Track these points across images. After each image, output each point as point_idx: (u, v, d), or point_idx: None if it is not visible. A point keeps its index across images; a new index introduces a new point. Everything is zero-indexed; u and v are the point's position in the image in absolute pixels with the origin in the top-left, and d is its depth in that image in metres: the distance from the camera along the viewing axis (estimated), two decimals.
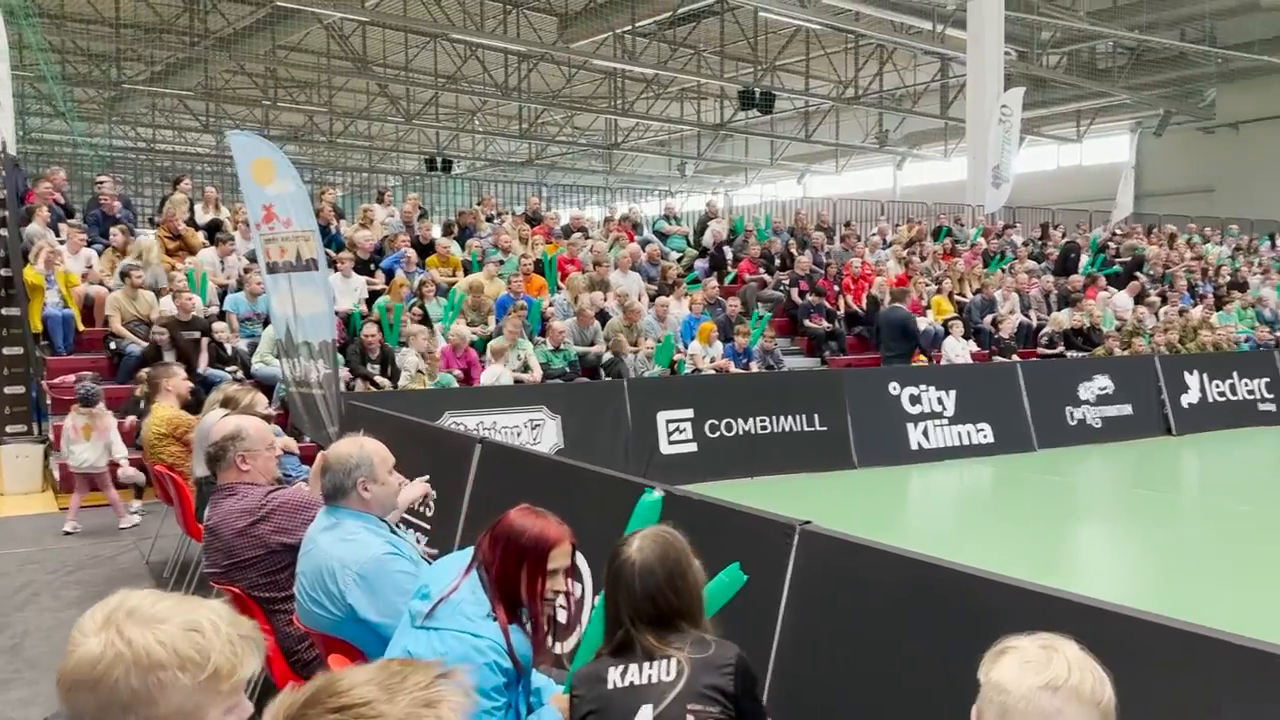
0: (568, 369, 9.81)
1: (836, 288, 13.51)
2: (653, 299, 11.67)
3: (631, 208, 15.63)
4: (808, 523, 3.07)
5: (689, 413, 9.22)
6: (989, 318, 13.25)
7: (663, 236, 14.28)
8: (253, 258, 9.18)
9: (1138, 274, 15.84)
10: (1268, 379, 13.24)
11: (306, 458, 6.04)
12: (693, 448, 9.16)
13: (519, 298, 10.35)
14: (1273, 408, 13.09)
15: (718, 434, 9.30)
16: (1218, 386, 12.66)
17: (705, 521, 3.47)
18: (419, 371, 9.22)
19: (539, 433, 8.44)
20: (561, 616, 2.38)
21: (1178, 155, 34.91)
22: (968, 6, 18.92)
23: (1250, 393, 13.01)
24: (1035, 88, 28.71)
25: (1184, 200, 31.28)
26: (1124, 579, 6.33)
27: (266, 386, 8.37)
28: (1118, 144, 36.47)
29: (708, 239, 14.40)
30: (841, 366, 11.87)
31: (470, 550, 2.48)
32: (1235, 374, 12.97)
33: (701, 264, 13.83)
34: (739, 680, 2.09)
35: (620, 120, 36.32)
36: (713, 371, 10.53)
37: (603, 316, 10.89)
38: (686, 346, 10.87)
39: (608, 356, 10.34)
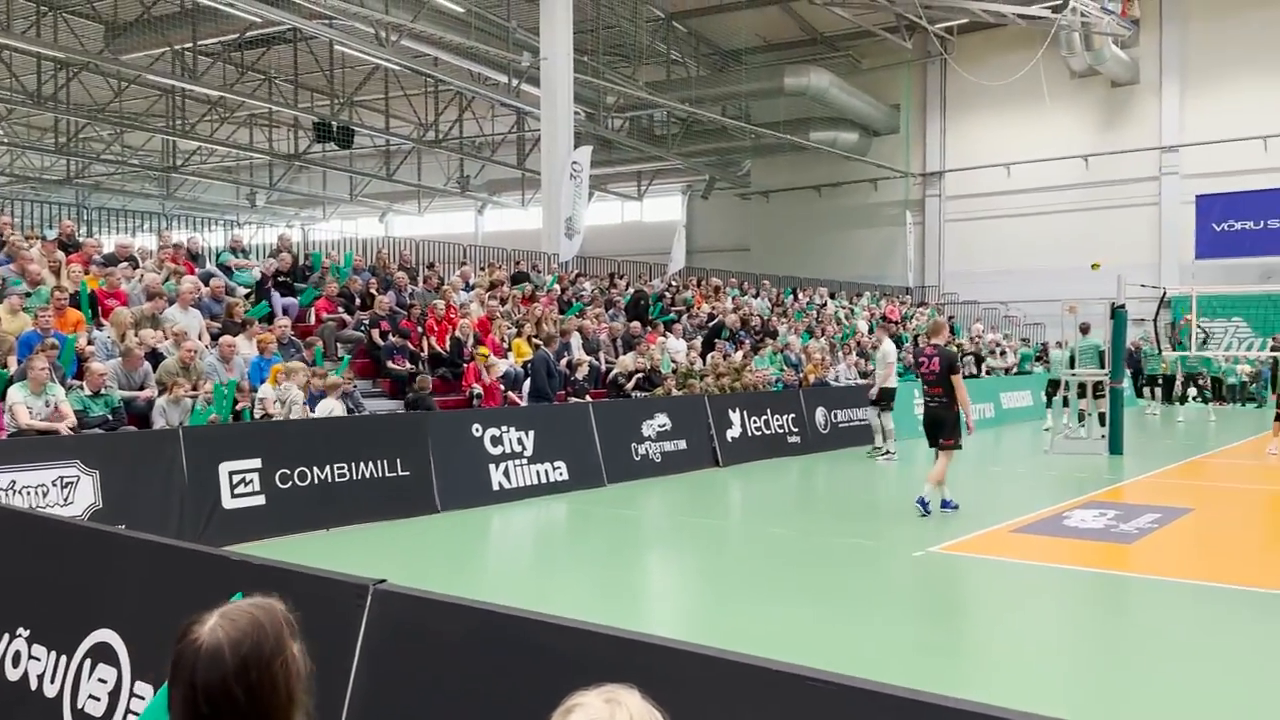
0: (109, 417, 8.67)
1: (420, 329, 13.40)
2: (215, 338, 10.74)
3: (191, 237, 14.33)
4: (381, 581, 2.92)
5: (256, 463, 8.55)
6: (564, 360, 13.87)
7: (228, 270, 13.24)
8: None
9: (718, 338, 17.45)
10: (793, 415, 15.26)
11: None
12: (260, 500, 8.50)
13: (48, 335, 8.99)
14: (798, 440, 15.09)
15: (290, 484, 8.72)
16: (755, 422, 14.34)
17: (269, 586, 3.17)
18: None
19: (70, 492, 7.32)
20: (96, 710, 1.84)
21: (721, 217, 39.43)
22: (541, 65, 19.91)
23: (780, 427, 14.90)
24: (602, 147, 30.97)
25: (727, 257, 35.34)
26: (686, 607, 6.83)
27: None
28: (672, 203, 40.42)
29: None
30: (425, 410, 11.74)
31: None
32: (769, 411, 14.79)
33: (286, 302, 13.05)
34: None
35: (180, 142, 33.37)
36: (284, 416, 9.89)
37: (154, 357, 9.80)
38: (256, 389, 10.11)
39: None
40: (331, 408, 10.06)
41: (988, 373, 22.55)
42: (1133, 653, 5.64)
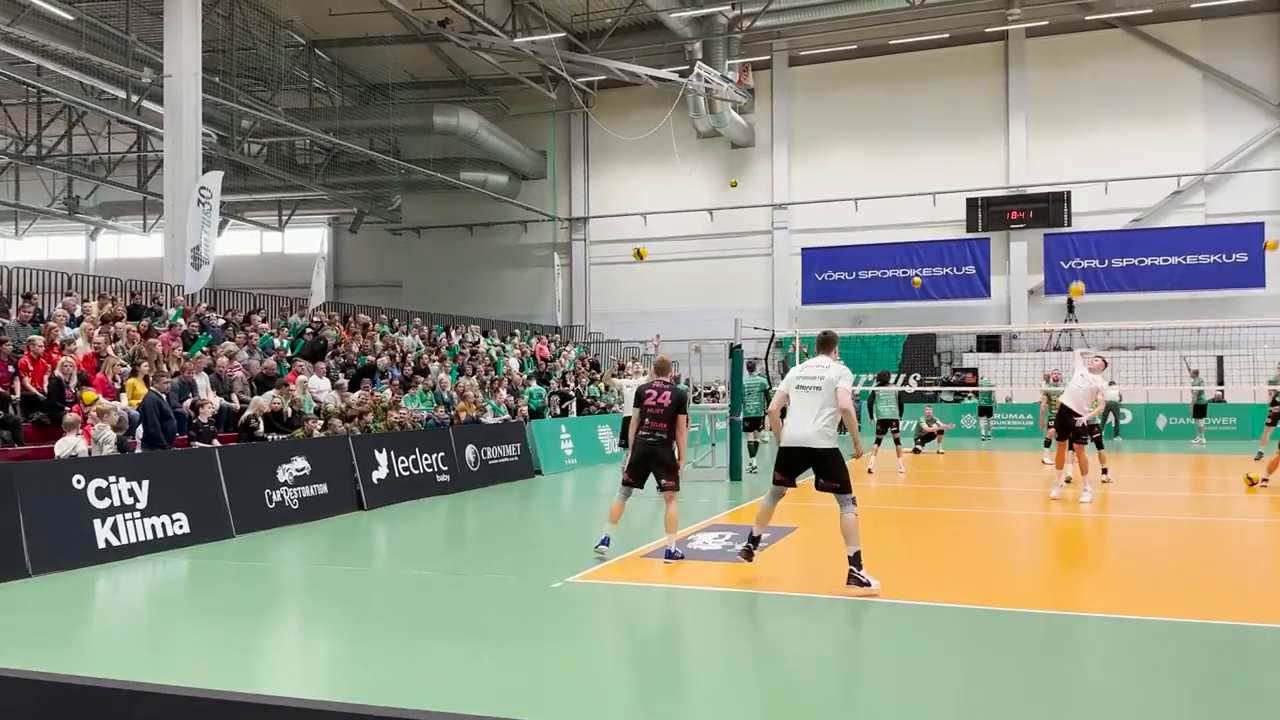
0: None
1: (12, 368, 11.76)
2: None
3: None
4: None
5: None
6: (188, 402, 12.81)
7: None
8: None
9: (368, 378, 16.89)
10: (443, 453, 15.17)
11: None
12: None
13: None
14: (448, 478, 15.01)
15: None
16: (403, 462, 14.08)
17: None
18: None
19: None
20: None
21: (371, 252, 38.55)
22: (165, 83, 18.41)
23: (430, 466, 14.74)
24: (237, 173, 29.18)
25: (378, 293, 34.58)
26: (318, 662, 6.53)
27: None
28: (318, 235, 38.87)
29: None
30: (15, 459, 10.30)
31: None
32: (418, 450, 14.58)
33: None
34: None
35: None
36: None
37: None
38: None
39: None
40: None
41: None
42: (742, 662, 6.19)
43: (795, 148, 32.62)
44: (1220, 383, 25.20)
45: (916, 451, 20.69)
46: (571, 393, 23.01)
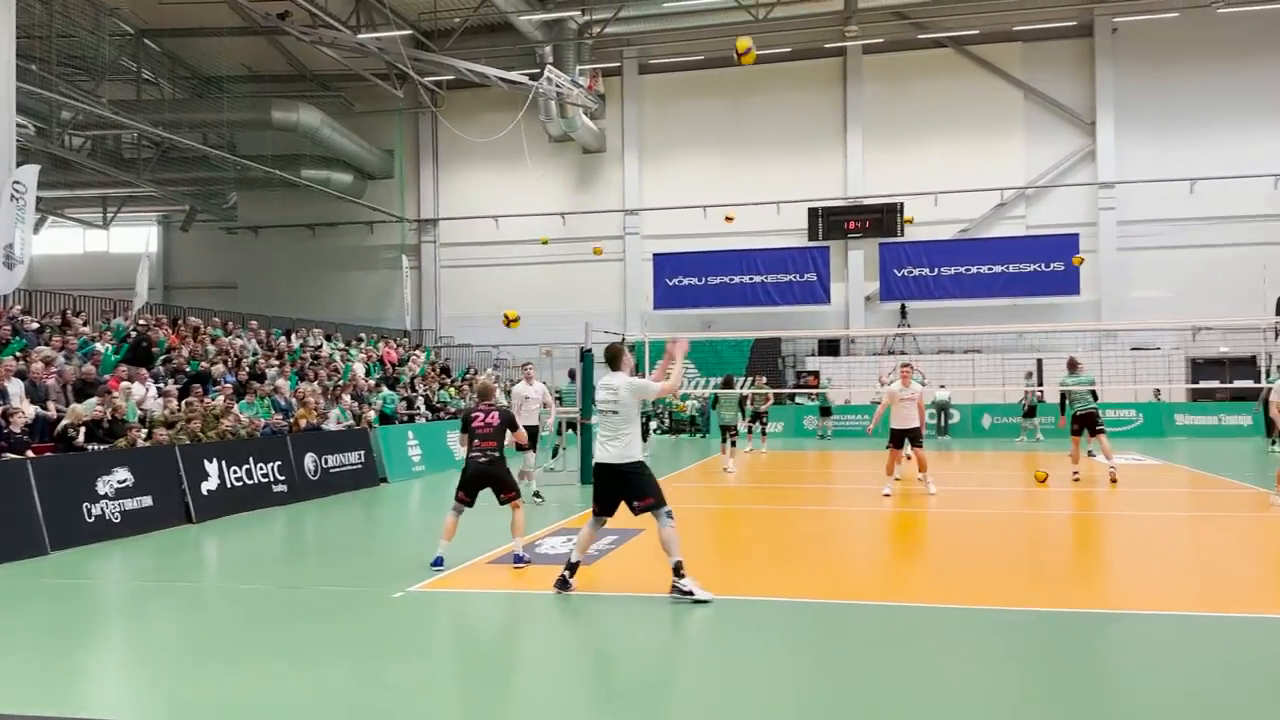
0: None
1: None
2: None
3: None
4: None
5: None
6: None
7: None
8: None
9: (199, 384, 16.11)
10: (280, 462, 14.60)
11: None
12: None
13: None
14: (285, 488, 14.46)
15: None
16: (235, 472, 13.48)
17: None
18: None
19: None
20: None
21: (204, 251, 36.81)
22: None
23: (265, 476, 14.17)
24: (57, 167, 27.35)
25: (211, 294, 33.02)
26: (138, 682, 6.20)
27: None
28: (147, 234, 36.83)
29: None
30: None
31: None
32: (252, 459, 13.99)
33: None
34: None
35: None
36: None
37: None
38: None
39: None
40: None
41: None
42: (581, 666, 6.22)
43: (646, 154, 33.02)
44: (1040, 384, 26.96)
45: (749, 430, 21.94)
46: (419, 400, 22.56)
